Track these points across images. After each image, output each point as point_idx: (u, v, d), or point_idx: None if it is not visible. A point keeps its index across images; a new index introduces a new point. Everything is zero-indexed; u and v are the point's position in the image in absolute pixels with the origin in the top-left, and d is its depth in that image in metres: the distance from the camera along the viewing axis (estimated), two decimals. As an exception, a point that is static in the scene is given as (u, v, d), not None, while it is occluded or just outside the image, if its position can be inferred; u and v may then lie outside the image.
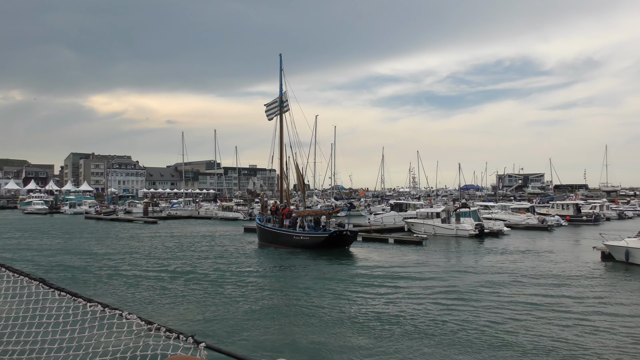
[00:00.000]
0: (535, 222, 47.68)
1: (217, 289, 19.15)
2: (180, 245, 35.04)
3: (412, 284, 20.14)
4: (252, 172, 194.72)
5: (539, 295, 17.72)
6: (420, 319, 14.58)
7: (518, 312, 15.27)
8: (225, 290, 18.93)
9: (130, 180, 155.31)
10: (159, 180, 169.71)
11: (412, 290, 18.71)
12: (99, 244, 35.69)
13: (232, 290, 18.94)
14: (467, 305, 16.15)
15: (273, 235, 33.15)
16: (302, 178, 40.67)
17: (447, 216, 41.05)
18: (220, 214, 66.34)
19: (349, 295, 18.05)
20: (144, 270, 23.79)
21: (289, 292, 19.04)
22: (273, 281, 21.38)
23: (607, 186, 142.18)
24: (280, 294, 18.70)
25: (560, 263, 25.83)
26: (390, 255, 29.24)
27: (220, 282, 20.74)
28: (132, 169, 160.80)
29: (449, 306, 16.12)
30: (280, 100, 37.40)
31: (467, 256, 28.71)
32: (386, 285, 19.71)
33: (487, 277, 21.67)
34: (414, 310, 15.62)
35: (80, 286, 19.62)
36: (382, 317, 14.71)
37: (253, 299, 17.47)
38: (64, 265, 25.15)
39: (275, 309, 16.08)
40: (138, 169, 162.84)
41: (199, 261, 26.88)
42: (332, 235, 30.12)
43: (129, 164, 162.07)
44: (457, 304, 16.45)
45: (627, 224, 56.89)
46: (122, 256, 28.70)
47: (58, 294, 3.37)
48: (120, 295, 18.08)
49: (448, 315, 14.88)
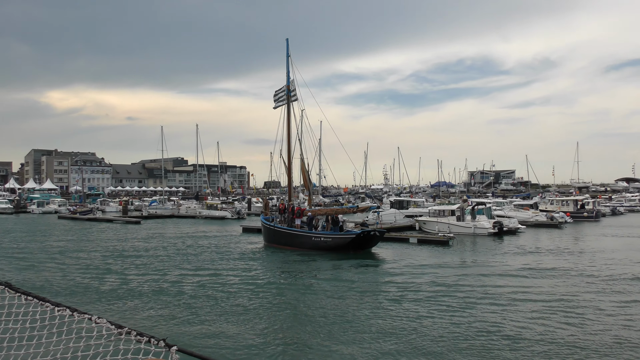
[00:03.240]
0: (544, 219, 46.03)
1: (236, 300, 16.03)
2: (180, 248, 31.42)
3: (476, 294, 17.44)
4: (222, 169, 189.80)
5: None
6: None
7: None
8: (246, 303, 15.82)
9: (95, 178, 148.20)
10: (126, 178, 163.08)
11: (483, 306, 16.01)
12: (85, 247, 31.72)
13: (256, 303, 15.84)
14: (575, 320, 13.56)
15: (287, 236, 29.94)
16: (308, 174, 37.56)
17: (461, 213, 38.80)
18: (205, 213, 62.49)
19: (404, 311, 15.20)
20: (154, 278, 20.34)
21: (315, 301, 16.02)
22: (299, 290, 18.31)
23: (578, 182, 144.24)
24: (308, 304, 15.66)
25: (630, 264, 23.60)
26: (421, 257, 26.55)
27: (239, 291, 17.60)
28: (98, 166, 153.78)
29: (553, 325, 13.49)
30: (288, 89, 34.23)
31: (510, 258, 26.17)
32: (449, 297, 16.94)
33: (564, 283, 19.17)
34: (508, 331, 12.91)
35: (90, 303, 16.15)
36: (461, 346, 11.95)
37: (282, 315, 14.43)
38: (67, 279, 21.42)
39: (307, 324, 13.10)
40: (104, 166, 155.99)
41: (212, 267, 23.55)
42: (360, 237, 27.18)
43: (95, 161, 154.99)
44: (559, 317, 13.85)
45: (626, 219, 56.23)
46: (119, 260, 25.06)
47: (25, 298, 3.27)
48: (139, 312, 14.72)
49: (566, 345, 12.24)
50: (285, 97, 33.91)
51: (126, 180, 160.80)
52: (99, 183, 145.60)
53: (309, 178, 37.83)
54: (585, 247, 30.39)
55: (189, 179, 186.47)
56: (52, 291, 18.04)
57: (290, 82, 34.01)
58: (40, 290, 18.00)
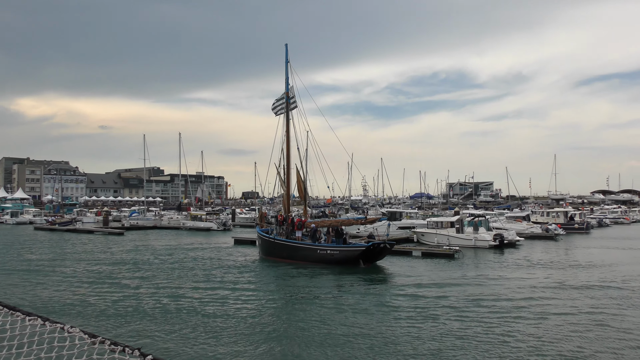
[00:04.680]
0: (539, 231, 45.65)
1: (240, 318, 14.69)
2: (173, 261, 29.74)
3: (504, 312, 16.41)
4: (199, 179, 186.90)
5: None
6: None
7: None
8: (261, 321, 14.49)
9: (70, 187, 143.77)
10: (100, 188, 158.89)
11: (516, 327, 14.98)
12: (70, 260, 29.77)
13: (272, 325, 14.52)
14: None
15: (289, 249, 28.55)
16: (304, 184, 36.29)
17: (460, 225, 38.01)
18: (189, 224, 60.49)
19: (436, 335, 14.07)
20: (150, 294, 18.77)
21: (323, 320, 14.76)
22: (300, 305, 17.01)
23: (555, 194, 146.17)
24: (311, 323, 14.39)
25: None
26: (431, 272, 25.47)
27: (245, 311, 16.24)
28: (72, 175, 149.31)
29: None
30: (287, 95, 33.07)
31: (525, 272, 25.28)
32: (477, 316, 15.87)
33: (600, 298, 18.29)
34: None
35: (85, 318, 14.57)
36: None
37: (275, 328, 13.16)
38: (58, 295, 19.66)
39: (305, 342, 11.88)
40: (78, 175, 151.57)
41: (209, 281, 22.06)
42: (370, 249, 25.99)
43: (68, 170, 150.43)
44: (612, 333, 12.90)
45: (614, 231, 56.37)
46: (110, 274, 23.31)
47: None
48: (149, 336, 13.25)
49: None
50: (285, 104, 32.73)
51: (101, 189, 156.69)
52: (73, 193, 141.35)
53: (305, 189, 36.59)
54: (593, 260, 29.70)
55: (166, 189, 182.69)
56: (46, 308, 16.35)
57: (290, 88, 32.86)
58: (33, 307, 16.29)
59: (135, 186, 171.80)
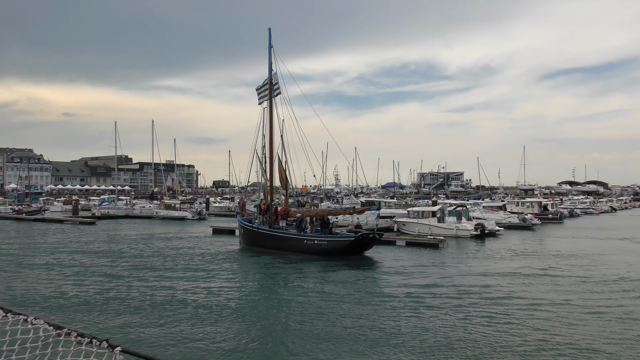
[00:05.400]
0: (516, 221, 46.16)
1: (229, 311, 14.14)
2: (151, 251, 28.74)
3: (496, 301, 16.25)
4: (170, 167, 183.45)
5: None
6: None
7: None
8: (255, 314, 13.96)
9: (34, 176, 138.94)
10: (67, 176, 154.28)
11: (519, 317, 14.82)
12: (43, 250, 28.44)
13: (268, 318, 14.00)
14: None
15: (274, 239, 27.88)
16: (286, 174, 35.56)
17: (441, 215, 38.02)
18: (162, 213, 59.04)
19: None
20: (129, 285, 17.93)
21: (312, 311, 14.35)
22: (284, 295, 16.52)
23: (524, 185, 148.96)
24: (294, 313, 13.97)
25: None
26: (418, 261, 25.19)
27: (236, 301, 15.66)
28: (37, 163, 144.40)
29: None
30: (270, 82, 32.23)
31: (511, 261, 25.34)
32: (470, 306, 15.66)
33: (585, 287, 18.31)
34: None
35: (61, 313, 13.72)
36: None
37: (257, 318, 12.70)
38: (33, 289, 18.58)
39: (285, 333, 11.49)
40: (43, 163, 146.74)
41: (190, 271, 21.30)
42: (359, 239, 25.54)
43: (33, 158, 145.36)
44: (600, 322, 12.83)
45: (584, 221, 57.50)
46: (86, 266, 22.27)
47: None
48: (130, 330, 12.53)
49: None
50: (268, 91, 31.89)
51: (67, 178, 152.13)
52: (37, 181, 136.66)
53: (286, 178, 35.89)
54: (575, 249, 30.02)
55: (135, 178, 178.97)
56: (18, 301, 15.37)
57: (273, 74, 32.00)
58: (5, 301, 15.31)
59: (103, 174, 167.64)
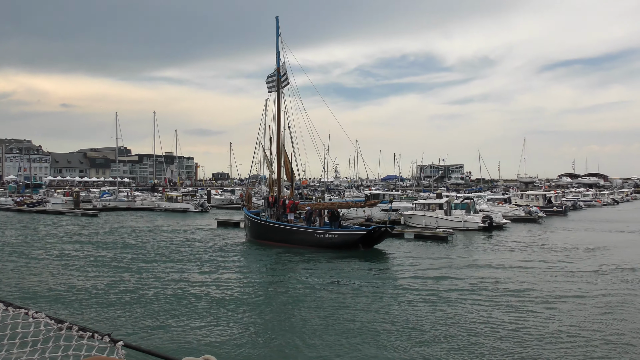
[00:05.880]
0: (522, 213, 45.90)
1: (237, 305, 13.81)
2: (157, 244, 28.39)
3: (518, 296, 15.94)
4: (170, 159, 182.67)
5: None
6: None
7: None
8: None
9: (33, 167, 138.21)
10: (66, 168, 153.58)
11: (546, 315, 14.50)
12: (48, 242, 28.07)
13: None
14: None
15: (283, 232, 27.52)
16: (291, 166, 35.16)
17: (448, 207, 37.69)
18: (164, 205, 58.67)
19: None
20: (139, 280, 17.59)
21: (328, 306, 14.03)
22: (296, 289, 16.18)
23: (525, 177, 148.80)
24: (308, 307, 13.64)
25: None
26: (428, 254, 24.89)
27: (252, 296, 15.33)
28: (36, 154, 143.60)
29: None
30: (278, 72, 31.74)
31: (522, 254, 25.01)
32: (490, 301, 15.35)
33: (606, 281, 18.01)
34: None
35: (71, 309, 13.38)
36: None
37: (267, 313, 12.38)
38: (40, 282, 18.23)
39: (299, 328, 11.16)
40: (42, 155, 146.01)
41: (200, 264, 20.97)
42: (371, 232, 25.19)
43: (32, 149, 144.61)
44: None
45: (589, 213, 57.26)
46: (94, 258, 21.91)
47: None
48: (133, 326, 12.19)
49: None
50: (276, 81, 31.41)
51: (66, 169, 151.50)
52: (36, 172, 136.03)
53: (292, 170, 35.51)
54: (584, 242, 29.71)
55: (134, 169, 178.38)
56: (28, 295, 15.04)
57: (281, 65, 31.50)
58: (19, 296, 14.99)
59: (102, 166, 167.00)
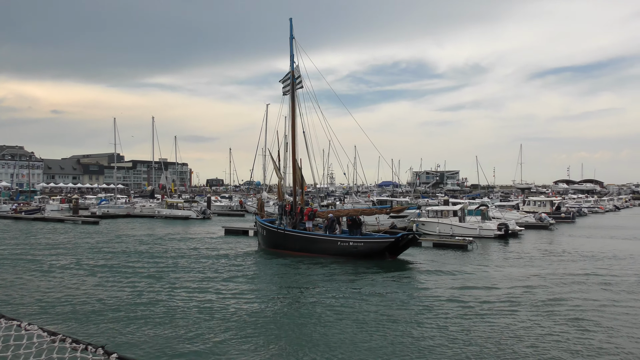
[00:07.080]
0: (533, 220, 45.20)
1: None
2: (165, 253, 27.28)
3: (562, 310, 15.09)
4: (165, 165, 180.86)
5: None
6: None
7: None
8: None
9: (25, 174, 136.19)
10: (59, 174, 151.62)
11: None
12: (50, 251, 26.85)
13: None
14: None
15: (303, 241, 26.45)
16: (300, 171, 34.16)
17: (462, 214, 36.89)
18: (165, 212, 57.41)
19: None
20: (140, 291, 16.53)
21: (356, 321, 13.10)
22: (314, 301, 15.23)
23: (521, 184, 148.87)
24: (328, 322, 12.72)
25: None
26: (451, 264, 23.97)
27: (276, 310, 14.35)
28: (28, 160, 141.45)
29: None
30: (292, 75, 30.85)
31: (550, 264, 24.17)
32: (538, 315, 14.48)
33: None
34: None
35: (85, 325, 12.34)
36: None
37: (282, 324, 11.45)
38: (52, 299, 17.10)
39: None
40: (34, 161, 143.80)
41: (216, 277, 19.92)
42: (399, 240, 24.19)
43: (24, 155, 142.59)
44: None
45: (595, 220, 56.80)
46: (97, 269, 20.80)
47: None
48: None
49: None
50: (290, 84, 30.52)
51: (59, 176, 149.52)
52: (29, 179, 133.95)
53: (302, 177, 34.53)
54: (608, 249, 28.97)
55: (128, 176, 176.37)
56: (40, 310, 13.96)
57: (295, 67, 30.61)
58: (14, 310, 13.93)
59: (96, 172, 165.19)
